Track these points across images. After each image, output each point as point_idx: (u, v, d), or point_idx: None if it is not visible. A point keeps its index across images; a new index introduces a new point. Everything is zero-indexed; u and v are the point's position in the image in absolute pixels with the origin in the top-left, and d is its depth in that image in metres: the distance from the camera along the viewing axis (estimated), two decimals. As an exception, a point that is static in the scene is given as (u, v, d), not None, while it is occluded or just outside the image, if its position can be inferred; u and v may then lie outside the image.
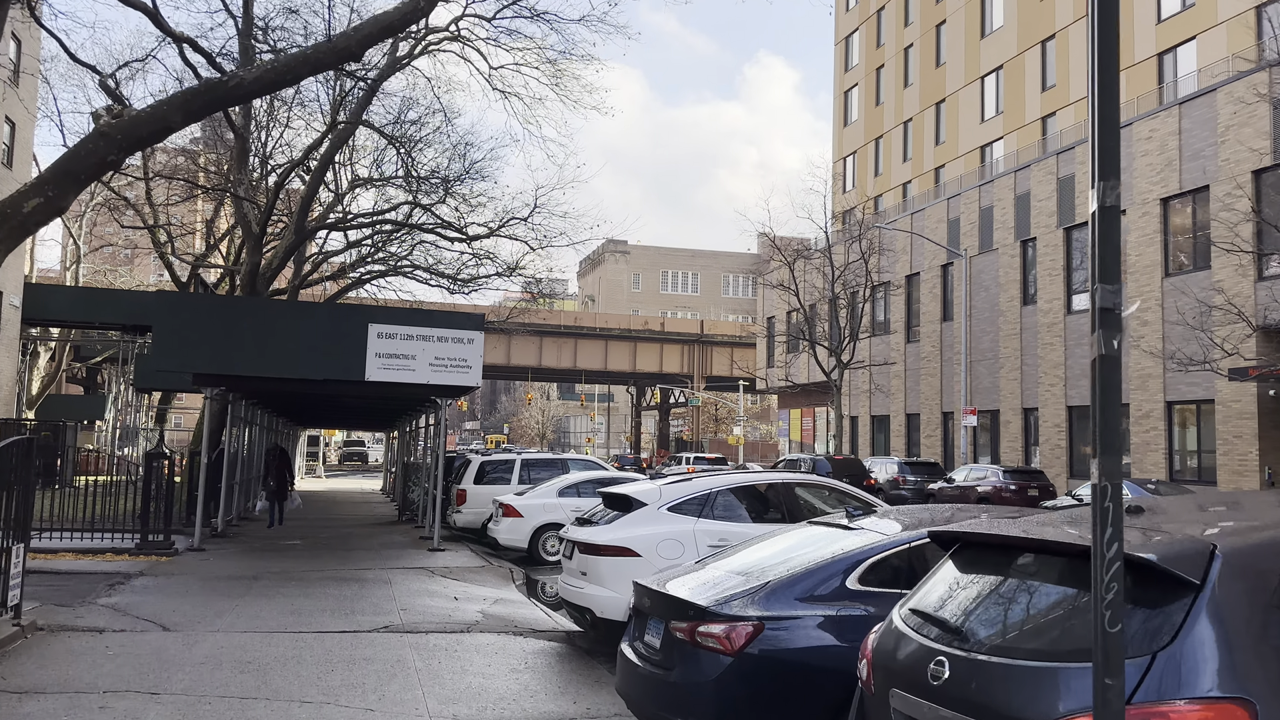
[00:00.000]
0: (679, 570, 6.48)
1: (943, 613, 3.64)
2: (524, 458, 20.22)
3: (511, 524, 16.80)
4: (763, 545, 6.51)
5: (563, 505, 16.94)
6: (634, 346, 74.62)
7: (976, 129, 46.25)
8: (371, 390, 17.45)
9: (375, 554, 16.43)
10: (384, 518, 25.16)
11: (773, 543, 6.50)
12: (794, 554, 5.98)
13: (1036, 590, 3.50)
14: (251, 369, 15.81)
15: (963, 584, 3.76)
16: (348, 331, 16.30)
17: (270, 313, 16.05)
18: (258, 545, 17.42)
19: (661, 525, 8.72)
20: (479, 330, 17.20)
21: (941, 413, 40.94)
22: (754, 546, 6.53)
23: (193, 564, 14.35)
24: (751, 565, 5.99)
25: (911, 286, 43.60)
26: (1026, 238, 36.46)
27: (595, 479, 17.78)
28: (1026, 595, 3.51)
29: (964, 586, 3.73)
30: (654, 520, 8.77)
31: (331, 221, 26.01)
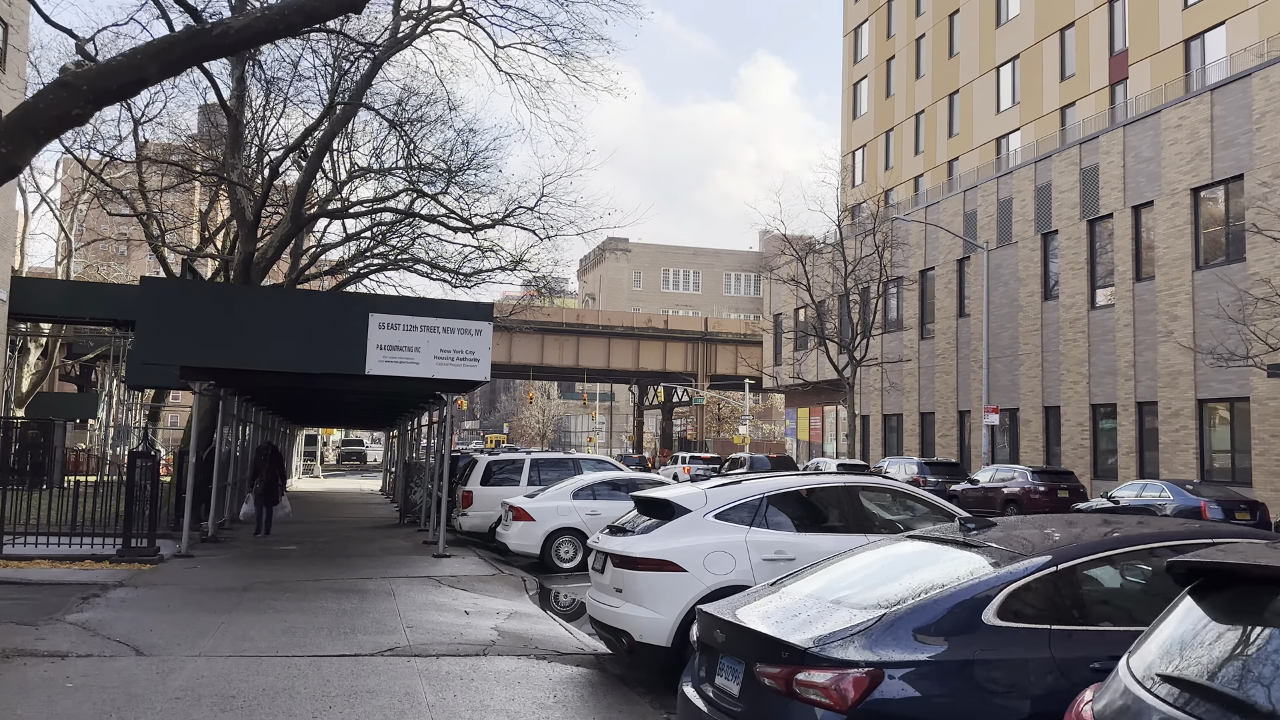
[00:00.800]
0: (749, 595, 5.33)
1: (1213, 680, 2.51)
2: (533, 457, 19.09)
3: (522, 528, 15.67)
4: (847, 563, 5.38)
5: (577, 508, 15.82)
6: (637, 344, 73.48)
7: (992, 120, 45.12)
8: (372, 385, 16.31)
9: (376, 560, 15.28)
10: (385, 520, 24.02)
11: (859, 560, 5.37)
12: (896, 577, 4.84)
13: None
14: (243, 361, 14.66)
15: (1228, 637, 2.63)
16: (347, 321, 15.15)
17: (264, 301, 14.92)
18: (250, 551, 16.26)
19: (708, 535, 7.58)
20: (487, 321, 16.05)
21: (957, 411, 39.80)
22: (836, 565, 5.40)
23: (178, 572, 13.20)
24: (842, 590, 4.85)
25: (925, 282, 42.47)
26: (1048, 230, 35.34)
27: (610, 480, 16.67)
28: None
29: (1235, 641, 2.60)
30: (699, 529, 7.62)
31: (330, 209, 24.83)
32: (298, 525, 21.73)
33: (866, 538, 7.69)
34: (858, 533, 7.72)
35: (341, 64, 22.22)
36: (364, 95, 21.37)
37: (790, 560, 7.48)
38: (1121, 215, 31.95)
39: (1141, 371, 30.96)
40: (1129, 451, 31.28)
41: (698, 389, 71.81)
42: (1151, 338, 30.60)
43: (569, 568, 15.57)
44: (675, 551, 7.45)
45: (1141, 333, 31.01)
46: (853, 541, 7.56)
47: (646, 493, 8.65)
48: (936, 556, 4.94)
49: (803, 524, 7.90)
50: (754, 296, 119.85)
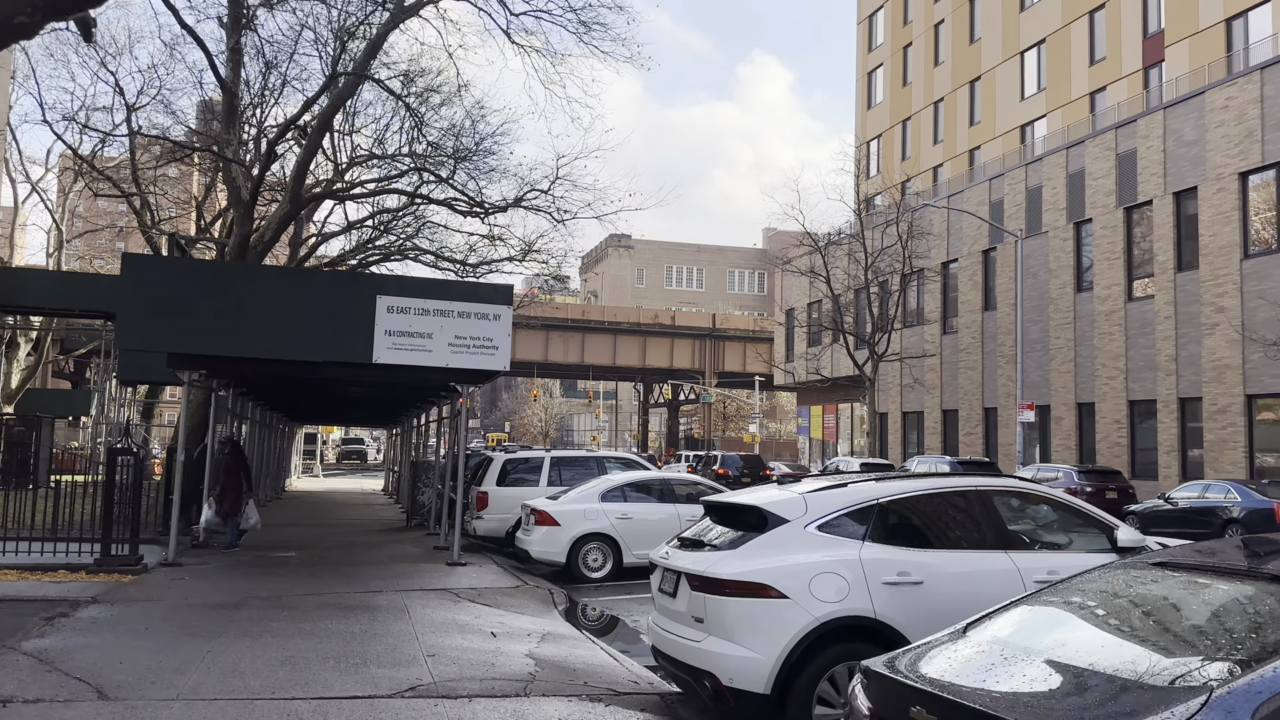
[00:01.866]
0: (935, 649, 3.81)
1: None
2: (554, 455, 17.57)
3: (546, 534, 14.15)
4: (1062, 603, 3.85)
5: (606, 511, 14.31)
6: (643, 341, 71.94)
7: (1016, 107, 43.60)
8: (379, 375, 14.78)
9: (385, 570, 13.76)
10: (390, 523, 22.50)
11: (1084, 598, 3.84)
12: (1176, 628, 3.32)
13: None
14: (237, 348, 13.15)
15: None
16: (353, 304, 13.64)
17: (259, 281, 13.43)
18: (245, 558, 14.74)
19: (811, 552, 6.06)
20: (506, 305, 14.54)
21: (983, 408, 38.29)
22: (1046, 607, 3.87)
23: (162, 585, 11.67)
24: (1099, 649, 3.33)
25: (948, 275, 40.96)
26: (1080, 219, 33.83)
27: (642, 481, 15.17)
28: None
29: None
30: (799, 544, 6.11)
31: (332, 190, 23.27)
32: (298, 528, 20.22)
33: (1010, 556, 6.18)
34: (999, 549, 6.21)
35: (344, 37, 20.72)
36: (369, 66, 19.83)
37: (917, 584, 5.98)
38: (1162, 202, 30.44)
39: (1184, 366, 29.46)
40: (1170, 450, 29.78)
41: (705, 386, 70.28)
42: (1195, 330, 29.10)
43: (598, 578, 14.06)
44: (773, 572, 5.93)
45: (1184, 325, 29.50)
46: (996, 562, 6.06)
47: (724, 497, 7.12)
48: (1225, 595, 3.42)
49: (929, 537, 6.38)
50: (759, 294, 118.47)
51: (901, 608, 5.91)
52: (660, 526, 14.39)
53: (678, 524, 14.42)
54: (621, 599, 12.65)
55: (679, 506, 14.59)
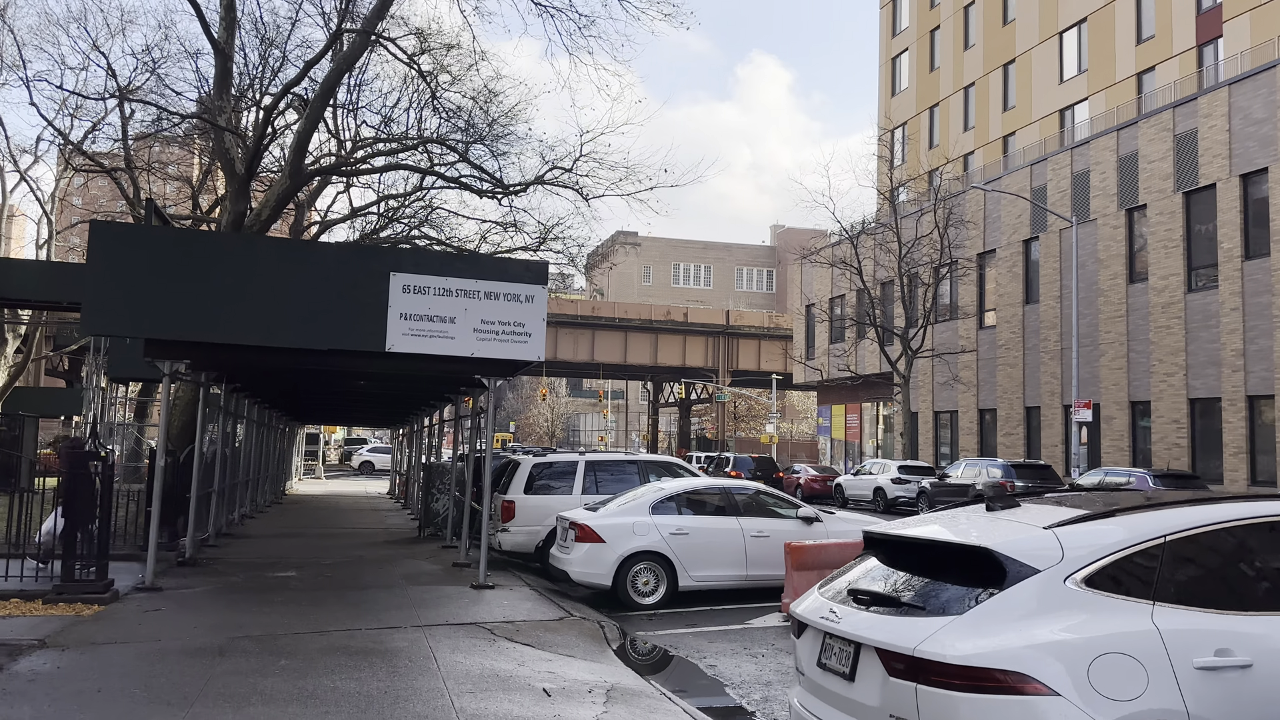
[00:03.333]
0: None
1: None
2: (589, 459, 15.46)
3: (589, 552, 12.05)
4: None
5: (658, 526, 12.21)
6: (655, 338, 69.85)
7: (1054, 90, 41.46)
8: (392, 367, 12.70)
9: (401, 595, 11.68)
10: (400, 532, 20.42)
11: None
12: None
13: None
14: (226, 334, 11.07)
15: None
16: (363, 283, 11.56)
17: (253, 254, 11.37)
18: (238, 580, 12.66)
19: (1082, 621, 3.97)
20: (541, 284, 12.47)
21: (1024, 408, 36.16)
22: None
23: (131, 619, 9.59)
24: None
25: (984, 266, 38.83)
26: (1133, 205, 31.70)
27: (698, 490, 13.07)
28: None
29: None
30: (1061, 607, 4.01)
31: (335, 165, 21.16)
32: (298, 540, 18.14)
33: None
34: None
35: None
36: (377, 25, 17.75)
37: (1244, 669, 3.88)
38: (1227, 185, 28.32)
39: (1254, 361, 27.33)
40: (1237, 452, 27.65)
41: (719, 385, 68.19)
42: (1266, 323, 26.97)
43: (649, 604, 11.96)
44: (1030, 655, 3.84)
45: (1253, 317, 27.38)
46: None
47: (909, 530, 4.99)
48: None
49: (1242, 593, 4.27)
50: (768, 292, 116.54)
51: (1228, 706, 3.82)
52: (722, 544, 12.32)
53: (741, 541, 12.36)
54: (684, 633, 10.56)
55: (742, 520, 12.51)
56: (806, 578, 11.04)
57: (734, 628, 10.75)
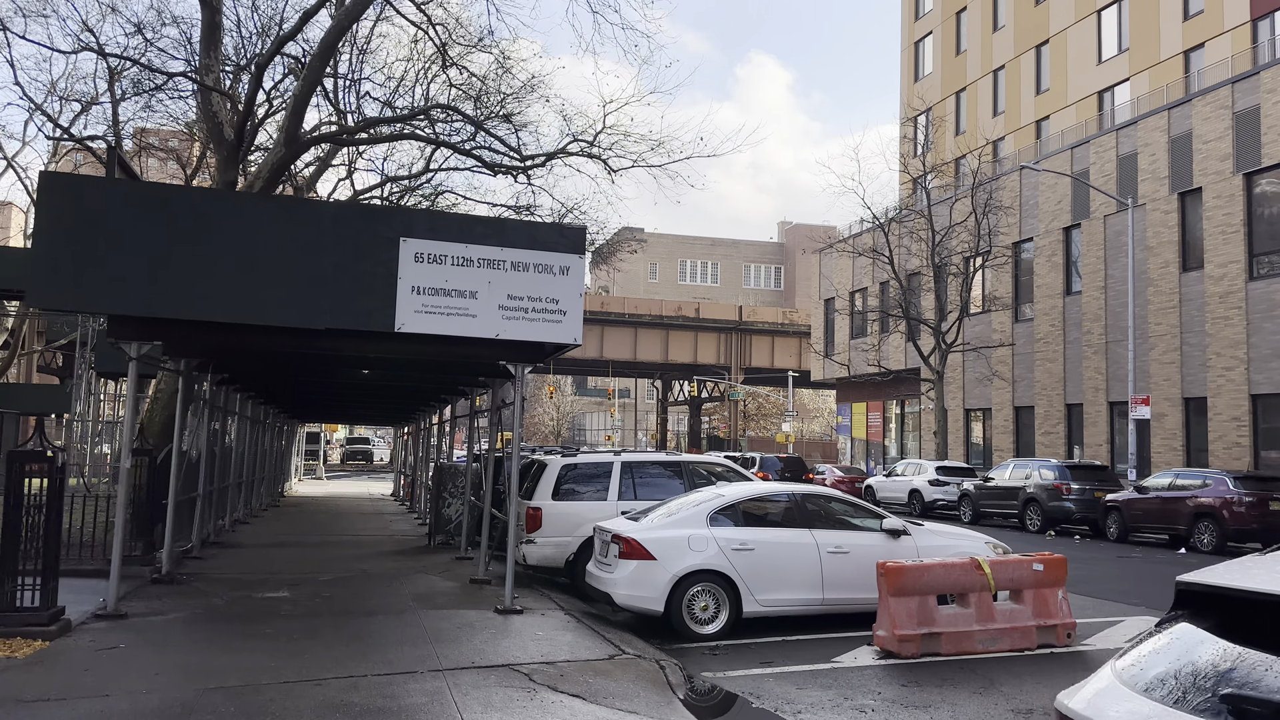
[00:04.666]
0: None
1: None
2: (625, 460, 13.51)
3: (637, 571, 10.09)
4: None
5: (718, 540, 10.26)
6: (666, 334, 67.92)
7: (1092, 72, 39.47)
8: (402, 351, 10.78)
9: (413, 623, 9.76)
10: (407, 540, 18.50)
11: None
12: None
13: None
14: (203, 309, 9.17)
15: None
16: (368, 250, 9.65)
17: (236, 213, 9.45)
18: (220, 603, 10.73)
19: None
20: (578, 253, 10.56)
21: (1065, 404, 34.18)
22: None
23: (77, 663, 7.66)
24: None
25: (1020, 255, 36.84)
26: (1187, 189, 29.71)
27: (762, 496, 11.12)
28: None
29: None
30: None
31: (334, 134, 19.19)
32: (295, 550, 16.23)
33: None
34: None
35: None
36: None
37: None
38: (1294, 165, 26.36)
39: (1326, 354, 25.37)
40: (1307, 451, 25.70)
41: (732, 382, 66.25)
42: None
43: (709, 633, 10.01)
44: None
45: (1325, 307, 25.42)
46: None
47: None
48: None
49: None
50: (775, 289, 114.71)
51: None
52: (793, 561, 10.38)
53: (816, 558, 10.42)
54: (762, 675, 8.61)
55: (816, 533, 10.55)
56: (905, 606, 9.12)
57: (820, 667, 8.81)
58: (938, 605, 9.36)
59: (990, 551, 10.86)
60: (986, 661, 8.99)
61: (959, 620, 9.30)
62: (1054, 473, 24.70)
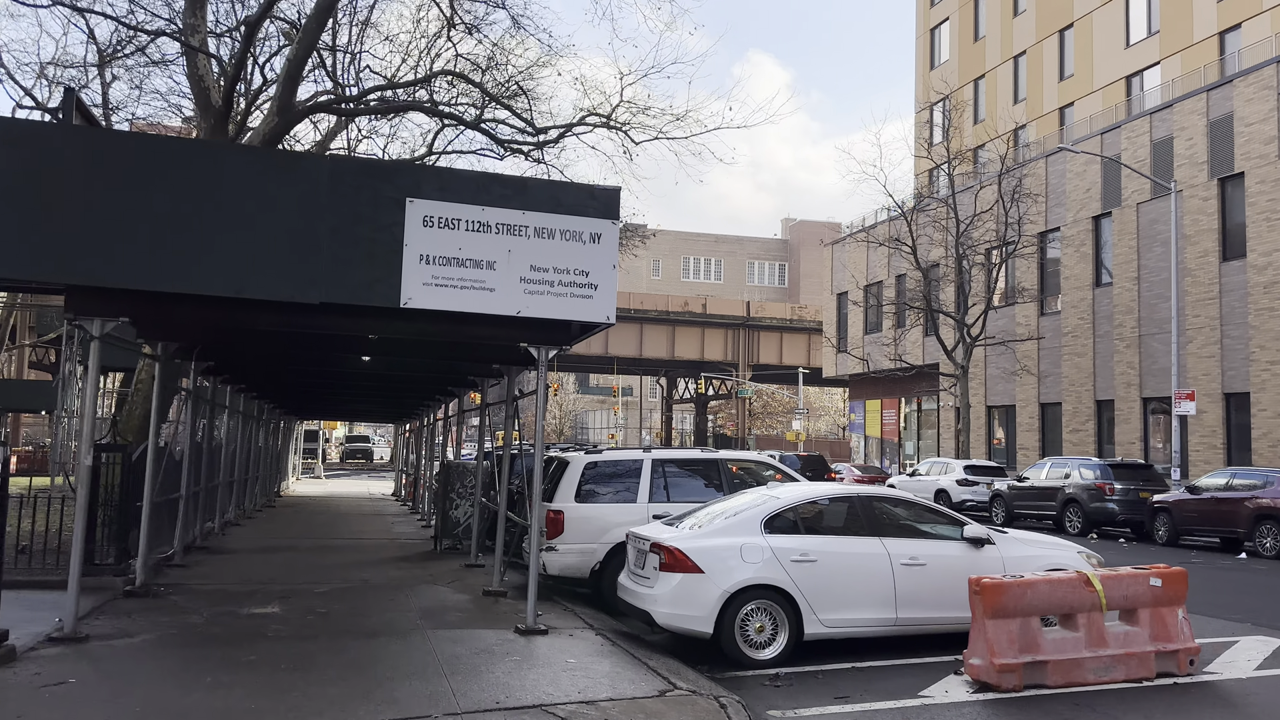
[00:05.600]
0: None
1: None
2: (656, 457, 12.08)
3: (682, 586, 8.67)
4: None
5: (774, 549, 8.85)
6: (672, 330, 66.49)
7: (1119, 56, 38.04)
8: (410, 331, 9.36)
9: (422, 648, 8.34)
10: (411, 543, 17.08)
11: None
12: None
13: None
14: (174, 279, 7.76)
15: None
16: (368, 212, 8.25)
17: (214, 165, 8.03)
18: (198, 622, 9.32)
19: None
20: (611, 218, 9.15)
21: (1095, 401, 32.77)
22: None
23: (7, 710, 6.25)
24: None
25: (1046, 246, 35.43)
26: (1228, 174, 28.30)
27: (823, 499, 9.68)
28: None
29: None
30: None
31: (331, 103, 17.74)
32: (288, 555, 14.82)
33: None
34: None
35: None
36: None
37: None
38: (1346, 148, 24.95)
39: (1383, 346, 23.97)
40: (1361, 450, 24.31)
41: (740, 379, 64.86)
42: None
43: (766, 658, 8.59)
44: None
45: (1381, 296, 24.01)
46: None
47: None
48: None
49: None
50: (779, 286, 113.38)
51: None
52: (862, 575, 8.97)
53: (888, 570, 9.01)
54: (838, 714, 7.20)
55: (887, 542, 9.13)
56: (1005, 630, 7.71)
57: (909, 704, 7.39)
58: (1041, 628, 7.95)
59: (1085, 563, 9.45)
60: (1102, 695, 7.59)
61: (1066, 646, 7.89)
62: (1096, 472, 23.27)
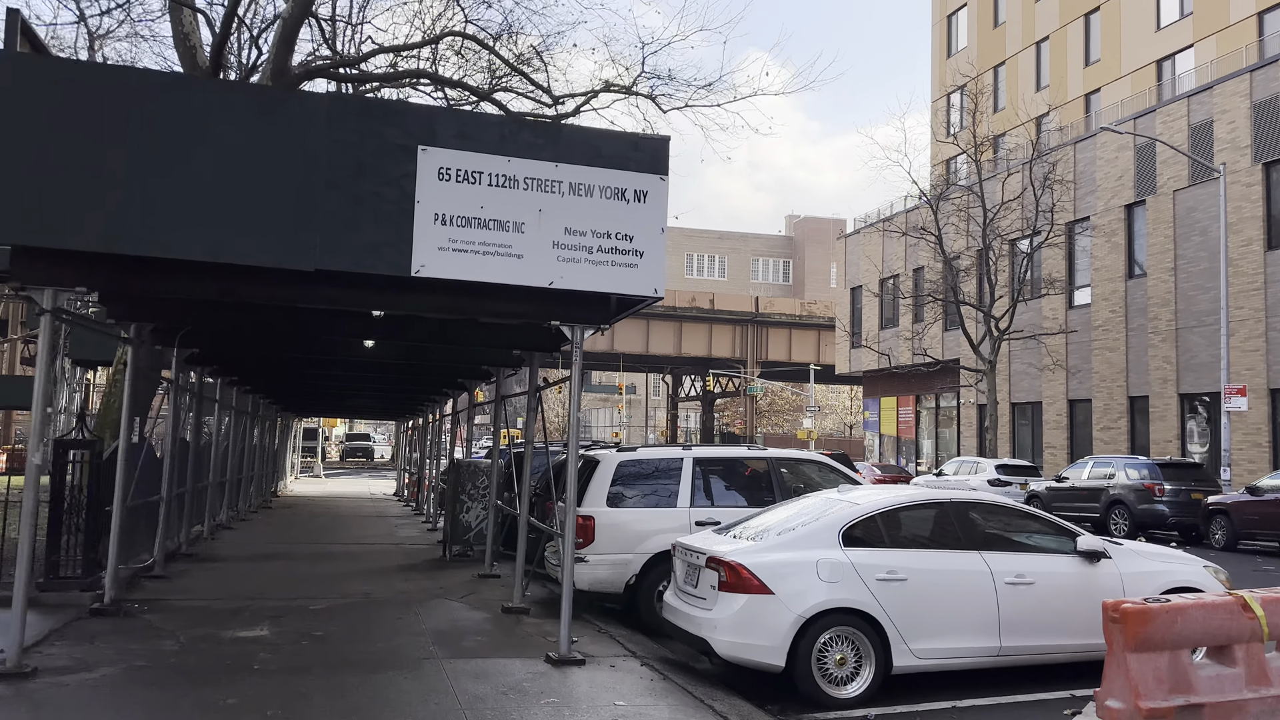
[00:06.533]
0: None
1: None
2: (698, 455, 10.68)
3: (748, 610, 7.25)
4: None
5: (858, 566, 7.44)
6: (679, 326, 65.08)
7: (1149, 40, 36.64)
8: (425, 304, 7.94)
9: (438, 686, 6.93)
10: (416, 549, 15.68)
11: None
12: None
13: None
14: (136, 240, 6.36)
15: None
16: (372, 162, 6.86)
17: (187, 103, 6.64)
18: (171, 649, 7.90)
19: None
20: (659, 173, 7.75)
21: (1127, 397, 31.37)
22: None
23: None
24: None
25: (1075, 236, 34.03)
26: (1273, 158, 26.89)
27: (909, 505, 8.26)
28: None
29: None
30: None
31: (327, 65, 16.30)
32: (283, 564, 13.41)
33: None
34: None
35: None
36: None
37: None
38: (1406, 128, 23.55)
39: None
40: None
41: (749, 377, 63.45)
42: None
43: (849, 696, 7.18)
44: None
45: None
46: None
47: None
48: None
49: None
50: (784, 283, 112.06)
51: None
52: (959, 596, 7.55)
53: (991, 591, 7.61)
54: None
55: (987, 556, 7.72)
56: (1152, 666, 6.29)
57: (1042, 759, 5.99)
58: (1192, 663, 6.54)
59: (1214, 579, 8.06)
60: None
61: (1225, 685, 6.48)
62: (1144, 471, 21.87)
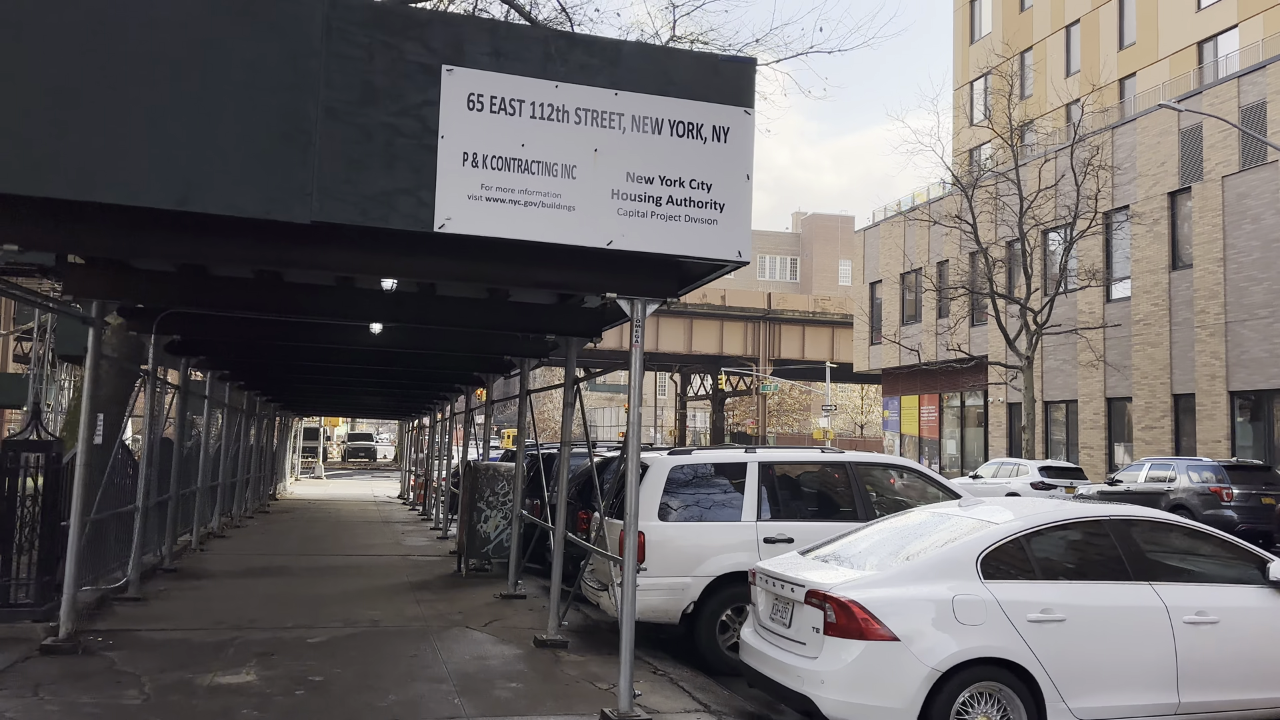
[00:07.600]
0: None
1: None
2: (764, 459, 9.04)
3: (866, 660, 5.64)
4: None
5: (1004, 605, 5.82)
6: (689, 324, 63.45)
7: (1189, 20, 35.00)
8: (443, 271, 6.34)
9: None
10: (427, 561, 14.08)
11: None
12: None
13: None
14: (80, 180, 4.75)
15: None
16: (385, 86, 5.27)
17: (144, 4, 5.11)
18: (134, 704, 6.30)
19: None
20: (743, 105, 6.16)
21: (1171, 395, 29.73)
22: None
23: None
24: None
25: (1112, 225, 32.41)
26: (1334, 141, 25.28)
27: (1063, 524, 6.60)
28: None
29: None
30: None
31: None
32: (277, 581, 11.81)
33: None
34: None
35: None
36: None
37: None
38: None
39: None
40: None
41: (762, 375, 61.85)
42: None
43: (997, 774, 5.58)
44: None
45: None
46: None
47: None
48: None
49: None
50: (791, 281, 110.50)
51: None
52: (1129, 639, 5.93)
53: (1168, 632, 5.97)
54: None
55: (1160, 589, 6.11)
56: None
57: None
58: None
59: None
60: None
61: None
62: (1210, 474, 20.25)
